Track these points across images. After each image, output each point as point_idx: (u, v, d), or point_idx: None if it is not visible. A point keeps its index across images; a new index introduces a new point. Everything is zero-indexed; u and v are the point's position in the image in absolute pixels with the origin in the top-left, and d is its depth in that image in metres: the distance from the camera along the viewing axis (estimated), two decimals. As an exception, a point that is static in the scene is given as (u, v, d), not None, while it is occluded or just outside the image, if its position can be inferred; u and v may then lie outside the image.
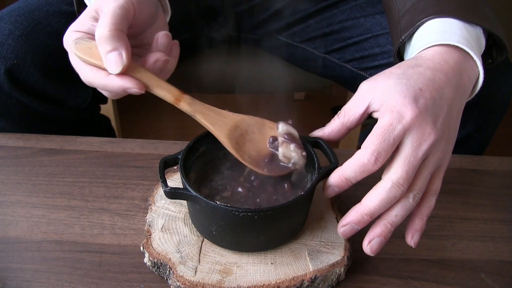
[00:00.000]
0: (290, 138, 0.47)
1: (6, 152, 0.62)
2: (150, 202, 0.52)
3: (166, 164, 0.46)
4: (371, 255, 0.42)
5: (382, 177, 0.41)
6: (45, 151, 0.62)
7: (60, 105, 0.69)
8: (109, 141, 0.65)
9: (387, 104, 0.42)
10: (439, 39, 0.47)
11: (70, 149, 0.63)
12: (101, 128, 0.81)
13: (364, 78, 0.76)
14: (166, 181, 0.44)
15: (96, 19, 0.45)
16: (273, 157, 0.48)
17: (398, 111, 0.41)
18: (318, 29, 0.80)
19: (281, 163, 0.47)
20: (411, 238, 0.44)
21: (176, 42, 0.50)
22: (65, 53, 0.69)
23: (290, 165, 0.47)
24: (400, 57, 0.56)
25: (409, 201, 0.41)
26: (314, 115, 1.73)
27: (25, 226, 0.50)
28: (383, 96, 0.43)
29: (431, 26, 0.50)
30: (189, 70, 0.95)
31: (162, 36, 0.47)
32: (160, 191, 0.53)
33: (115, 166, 0.60)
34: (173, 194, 0.43)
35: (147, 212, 0.51)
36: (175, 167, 0.56)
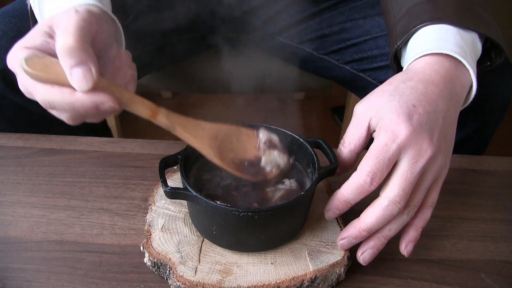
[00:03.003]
0: (270, 144, 0.48)
1: (6, 152, 0.62)
2: (150, 202, 0.52)
3: (166, 164, 0.46)
4: (364, 264, 0.44)
5: (380, 194, 0.41)
6: (45, 151, 0.62)
7: None
8: (109, 141, 0.65)
9: (381, 123, 0.42)
10: (431, 48, 0.47)
11: (70, 149, 0.63)
12: (96, 128, 0.80)
13: (364, 80, 0.76)
14: (166, 181, 0.44)
15: (50, 35, 0.40)
16: (254, 164, 0.48)
17: (392, 131, 0.41)
18: (317, 30, 0.80)
19: (266, 170, 0.48)
20: (405, 248, 0.45)
21: (134, 65, 0.46)
22: None
23: (273, 170, 0.48)
24: (397, 61, 0.56)
25: (404, 216, 0.42)
26: (314, 115, 1.73)
27: (25, 226, 0.50)
28: (378, 115, 0.43)
29: (425, 33, 0.50)
30: (189, 71, 0.95)
31: (124, 53, 0.44)
32: (160, 191, 0.53)
33: (115, 166, 0.60)
34: (173, 194, 0.43)
35: (147, 212, 0.51)
36: (175, 167, 0.56)
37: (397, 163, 0.41)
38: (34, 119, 0.68)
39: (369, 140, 0.46)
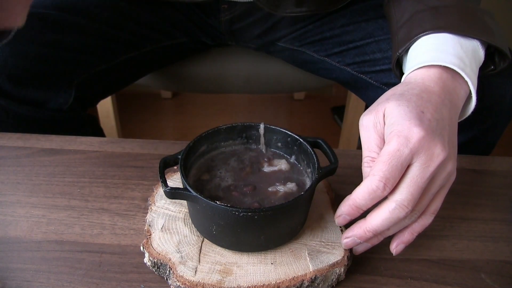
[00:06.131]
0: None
1: (6, 152, 0.62)
2: (150, 202, 0.52)
3: (166, 164, 0.46)
4: (355, 254, 0.46)
5: (388, 196, 0.41)
6: (45, 151, 0.62)
7: (40, 106, 0.68)
8: (109, 141, 0.65)
9: (392, 128, 0.41)
10: (429, 60, 0.47)
11: (70, 149, 0.63)
12: (87, 128, 0.79)
13: (365, 81, 0.76)
14: (166, 181, 0.44)
15: None
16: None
17: (405, 136, 0.40)
18: (318, 33, 0.79)
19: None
20: (395, 247, 0.45)
21: None
22: (46, 58, 0.68)
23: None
24: (399, 66, 0.56)
25: (405, 220, 0.42)
26: (314, 115, 1.73)
27: (25, 226, 0.50)
28: (387, 120, 0.43)
29: (425, 42, 0.50)
30: (189, 71, 0.95)
31: None
32: (160, 191, 0.53)
33: (115, 166, 0.60)
34: (173, 194, 0.43)
35: (147, 212, 0.51)
36: (175, 167, 0.56)
37: (408, 167, 0.40)
38: (21, 120, 0.67)
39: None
